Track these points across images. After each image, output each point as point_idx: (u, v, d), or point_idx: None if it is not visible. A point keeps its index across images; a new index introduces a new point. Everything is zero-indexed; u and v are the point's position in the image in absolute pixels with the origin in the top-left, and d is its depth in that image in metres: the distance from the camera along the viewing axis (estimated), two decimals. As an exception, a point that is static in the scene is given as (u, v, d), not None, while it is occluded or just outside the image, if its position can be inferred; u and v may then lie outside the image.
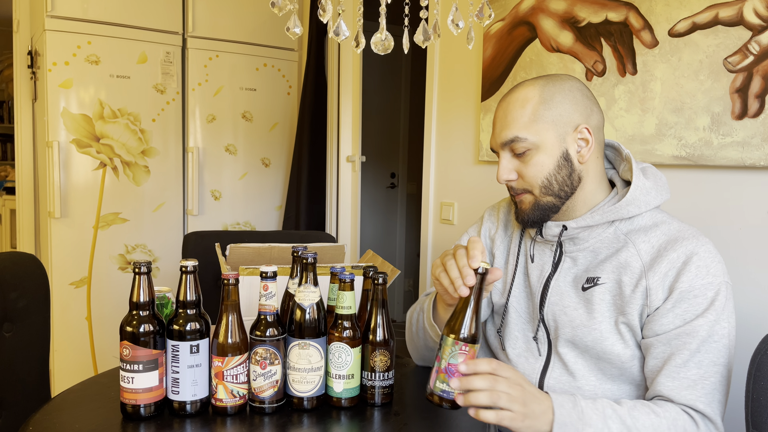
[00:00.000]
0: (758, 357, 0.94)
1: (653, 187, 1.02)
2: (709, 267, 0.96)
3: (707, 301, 0.95)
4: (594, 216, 1.02)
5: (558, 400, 0.89)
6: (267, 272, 0.94)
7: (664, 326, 0.96)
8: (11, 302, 1.23)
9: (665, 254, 0.97)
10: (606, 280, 1.01)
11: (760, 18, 1.26)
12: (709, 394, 0.94)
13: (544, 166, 1.02)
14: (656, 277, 0.97)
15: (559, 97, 1.01)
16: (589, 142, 1.02)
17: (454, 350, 0.87)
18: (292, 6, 0.90)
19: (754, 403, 0.93)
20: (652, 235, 1.00)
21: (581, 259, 1.05)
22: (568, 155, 1.02)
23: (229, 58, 2.63)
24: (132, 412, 0.92)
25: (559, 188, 1.03)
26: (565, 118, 1.01)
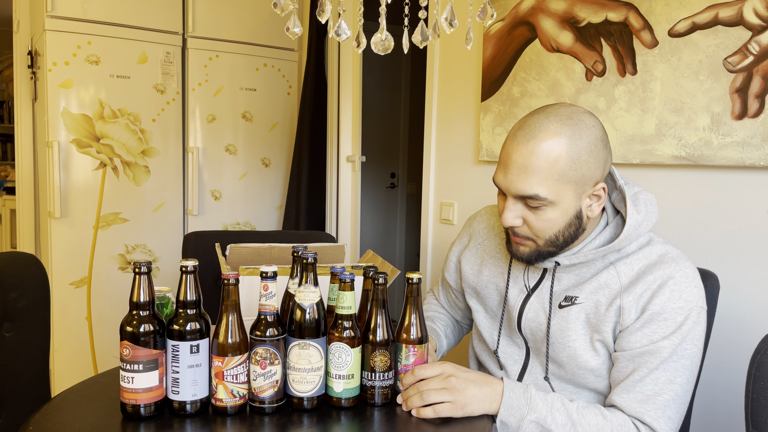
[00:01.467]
0: (758, 357, 0.94)
1: (644, 220, 1.01)
2: (682, 291, 0.97)
3: (675, 325, 0.96)
4: (587, 254, 1.02)
5: (509, 384, 0.98)
6: (267, 272, 0.94)
7: (631, 343, 0.98)
8: (11, 302, 1.23)
9: (643, 277, 0.99)
10: (583, 300, 1.03)
11: (760, 18, 1.26)
12: (659, 410, 0.96)
13: (556, 223, 0.99)
14: (631, 297, 0.98)
15: (585, 155, 0.96)
16: (601, 197, 1.00)
17: (407, 353, 1.01)
18: (293, 6, 0.90)
19: (754, 403, 0.93)
20: (634, 258, 1.02)
21: (565, 280, 1.07)
22: (580, 213, 1.00)
23: (229, 58, 2.63)
24: (132, 412, 0.92)
25: (563, 242, 1.01)
26: (587, 177, 0.97)
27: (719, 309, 1.24)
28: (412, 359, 1.01)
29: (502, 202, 1.03)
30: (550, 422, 0.94)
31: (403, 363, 1.02)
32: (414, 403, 0.97)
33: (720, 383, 1.36)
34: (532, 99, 1.74)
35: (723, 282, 1.29)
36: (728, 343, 1.34)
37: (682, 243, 1.44)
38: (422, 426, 0.96)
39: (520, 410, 0.95)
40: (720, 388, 1.36)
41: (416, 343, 1.01)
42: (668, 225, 1.46)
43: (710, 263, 1.38)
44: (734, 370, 1.34)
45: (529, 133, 0.97)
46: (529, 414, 0.95)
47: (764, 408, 0.91)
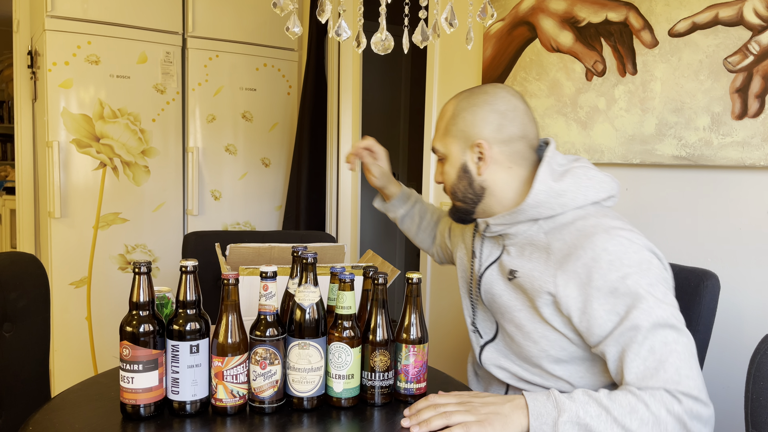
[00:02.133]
0: (758, 357, 0.94)
1: (570, 189, 1.03)
2: (621, 258, 0.96)
3: (630, 293, 0.94)
4: (506, 216, 1.08)
5: (531, 394, 0.92)
6: (267, 272, 0.94)
7: (602, 327, 0.96)
8: (11, 302, 1.23)
9: (575, 252, 0.99)
10: (522, 273, 1.07)
11: (760, 18, 1.26)
12: (674, 375, 0.90)
13: (449, 176, 1.13)
14: (565, 276, 0.99)
15: (467, 112, 1.09)
16: (485, 156, 1.07)
17: (407, 353, 1.01)
18: (293, 6, 0.90)
19: (754, 403, 0.93)
20: (566, 232, 1.03)
21: (513, 252, 1.11)
22: (467, 168, 1.10)
23: (229, 58, 2.63)
24: (132, 412, 0.92)
25: (462, 196, 1.12)
26: (467, 133, 1.09)
27: (719, 309, 1.24)
28: (412, 359, 1.01)
29: None
30: (584, 416, 0.88)
31: (402, 363, 1.01)
32: (435, 424, 0.89)
33: (720, 383, 1.36)
34: (533, 99, 1.74)
35: (723, 282, 1.29)
36: (728, 343, 1.34)
37: (682, 243, 1.44)
38: (422, 426, 0.96)
39: (550, 416, 0.89)
40: (720, 388, 1.36)
41: (416, 343, 1.01)
42: (668, 225, 1.46)
43: (710, 263, 1.38)
44: (734, 370, 1.34)
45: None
46: (561, 416, 0.88)
47: (764, 408, 0.91)
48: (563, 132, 1.67)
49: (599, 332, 0.96)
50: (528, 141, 1.09)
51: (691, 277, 1.18)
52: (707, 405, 0.91)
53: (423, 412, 0.92)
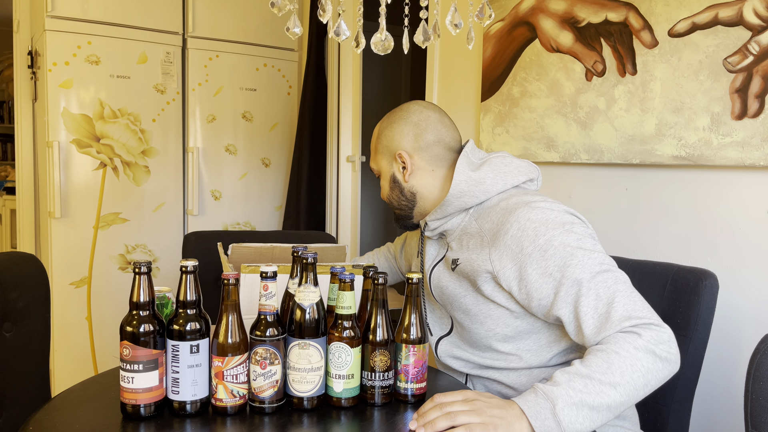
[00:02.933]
0: (757, 357, 0.94)
1: (488, 176, 1.13)
2: (544, 222, 1.03)
3: (558, 251, 1.00)
4: (437, 212, 1.17)
5: (521, 399, 0.92)
6: (267, 272, 0.94)
7: (540, 291, 1.01)
8: (11, 302, 1.23)
9: (502, 227, 1.06)
10: (462, 260, 1.13)
11: (759, 18, 1.26)
12: (623, 312, 0.94)
13: (384, 188, 1.24)
14: (499, 251, 1.05)
15: (387, 130, 1.21)
16: (408, 164, 1.19)
17: (407, 353, 1.01)
18: (291, 6, 0.90)
19: (753, 402, 0.93)
20: (492, 213, 1.11)
21: (454, 246, 1.17)
22: (395, 178, 1.21)
23: (229, 58, 2.63)
24: (132, 412, 0.92)
25: (398, 203, 1.23)
26: (390, 147, 1.21)
27: (719, 309, 1.24)
28: (412, 359, 1.01)
29: None
30: (574, 395, 0.89)
31: (402, 363, 1.02)
32: (440, 425, 0.88)
33: (719, 383, 1.36)
34: (532, 99, 1.74)
35: (723, 282, 1.29)
36: (728, 343, 1.34)
37: (682, 243, 1.44)
38: (422, 426, 0.96)
39: (546, 409, 0.89)
40: (719, 387, 1.36)
41: (416, 343, 1.01)
42: (668, 225, 1.47)
43: (710, 263, 1.38)
44: (734, 369, 1.34)
45: None
46: (556, 404, 0.89)
47: (764, 408, 0.91)
48: (563, 132, 1.67)
49: (538, 296, 1.02)
50: (445, 144, 1.20)
51: (690, 276, 1.18)
52: (662, 327, 0.95)
53: (429, 413, 0.92)
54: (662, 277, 1.22)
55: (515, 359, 1.11)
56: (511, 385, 1.13)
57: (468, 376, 1.21)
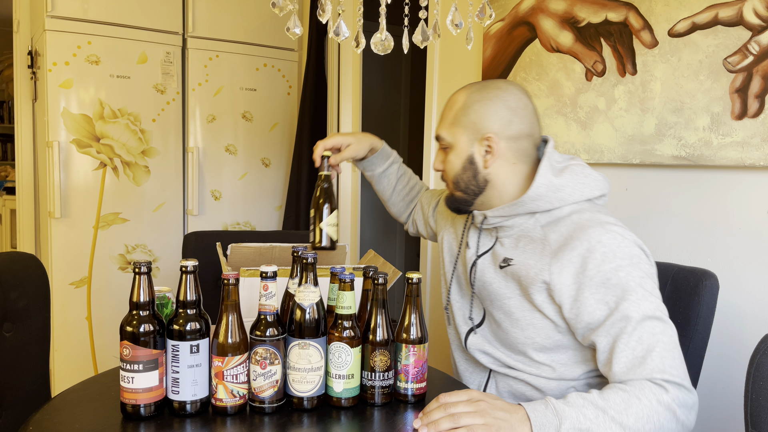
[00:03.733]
0: (757, 357, 0.94)
1: (568, 184, 1.07)
2: (615, 251, 0.99)
3: (621, 284, 0.97)
4: (505, 208, 1.10)
5: (530, 406, 0.92)
6: (267, 272, 0.94)
7: (591, 316, 0.99)
8: (11, 302, 1.23)
9: (570, 243, 1.02)
10: (517, 262, 1.09)
11: (759, 18, 1.26)
12: (659, 364, 0.94)
13: (454, 165, 1.14)
14: (560, 264, 1.02)
15: (478, 105, 1.11)
16: (493, 150, 1.10)
17: (407, 353, 1.01)
18: (292, 6, 0.90)
19: (753, 402, 0.93)
20: (562, 224, 1.06)
21: (506, 243, 1.14)
22: (473, 159, 1.12)
23: (229, 58, 2.63)
24: (132, 412, 0.92)
25: (465, 186, 1.14)
26: (477, 125, 1.10)
27: (719, 309, 1.24)
28: (412, 359, 1.01)
29: None
30: (584, 421, 0.90)
31: (402, 363, 1.02)
32: (443, 426, 0.89)
33: (719, 383, 1.36)
34: (533, 99, 1.74)
35: (723, 282, 1.29)
36: (728, 343, 1.34)
37: (682, 243, 1.44)
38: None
39: (552, 425, 0.89)
40: (719, 387, 1.36)
41: (416, 343, 1.01)
42: (668, 225, 1.47)
43: (710, 263, 1.38)
44: (734, 369, 1.34)
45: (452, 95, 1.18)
46: (563, 423, 0.89)
47: (764, 408, 0.91)
48: (563, 132, 1.67)
49: (587, 320, 1.00)
50: (533, 139, 1.13)
51: (690, 276, 1.18)
52: (691, 392, 0.94)
53: (433, 413, 0.92)
54: (662, 277, 1.22)
55: (547, 369, 1.09)
56: (538, 387, 1.11)
57: (492, 372, 1.19)
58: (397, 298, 4.06)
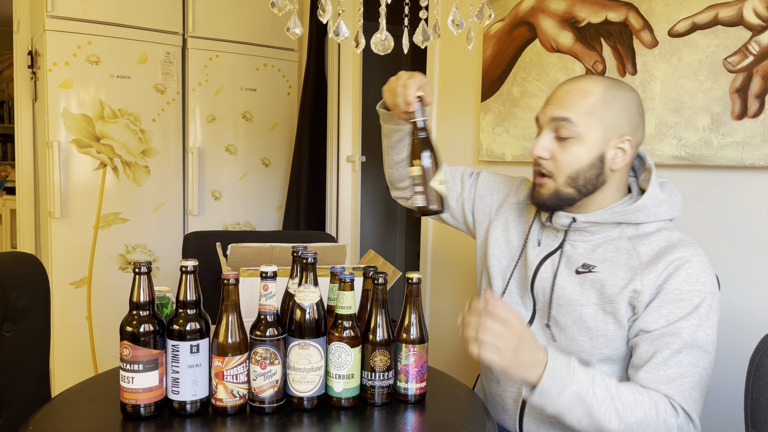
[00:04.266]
0: (757, 357, 0.94)
1: (666, 200, 1.06)
2: (699, 275, 1.00)
3: (692, 306, 0.98)
4: (603, 214, 1.06)
5: (554, 353, 0.94)
6: (267, 272, 0.94)
7: (648, 324, 1.00)
8: (11, 302, 1.23)
9: (662, 257, 1.02)
10: (601, 270, 1.06)
11: (759, 18, 1.26)
12: (686, 392, 0.96)
13: (579, 159, 1.05)
14: (651, 276, 1.01)
15: (619, 102, 1.04)
16: (626, 152, 1.06)
17: (407, 353, 1.01)
18: (291, 6, 0.90)
19: (754, 402, 0.93)
20: (653, 239, 1.05)
21: (580, 248, 1.10)
22: (603, 158, 1.05)
23: (229, 58, 2.63)
24: (132, 412, 0.92)
25: (583, 184, 1.06)
26: (616, 123, 1.04)
27: (719, 309, 1.24)
28: (412, 359, 1.01)
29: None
30: (590, 396, 0.92)
31: (403, 363, 1.02)
32: (467, 333, 0.92)
33: (719, 383, 1.36)
34: (532, 99, 1.74)
35: (723, 282, 1.29)
36: (728, 343, 1.34)
37: (682, 243, 1.44)
38: (422, 426, 0.96)
39: (562, 380, 0.92)
40: (719, 387, 1.36)
41: (416, 343, 1.01)
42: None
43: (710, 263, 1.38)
44: (734, 369, 1.34)
45: (572, 79, 1.09)
46: (572, 385, 0.92)
47: (764, 408, 0.91)
48: (563, 132, 1.67)
49: (643, 326, 1.00)
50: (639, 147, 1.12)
51: (690, 277, 1.17)
52: (697, 427, 0.98)
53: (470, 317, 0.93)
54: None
55: None
56: None
57: None
58: (397, 298, 4.06)
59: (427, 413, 1.00)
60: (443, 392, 1.09)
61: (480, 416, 0.99)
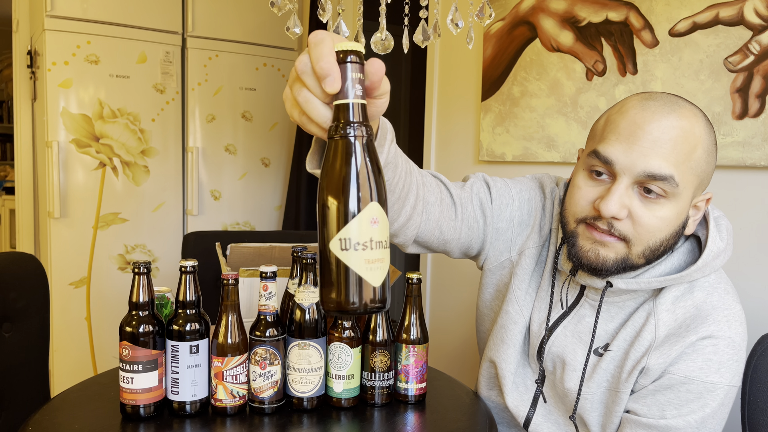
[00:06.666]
0: (754, 358, 0.94)
1: (724, 250, 0.84)
2: (722, 363, 0.80)
3: (698, 403, 0.80)
4: (650, 281, 0.83)
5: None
6: (267, 272, 0.94)
7: (640, 408, 0.83)
8: (11, 302, 1.23)
9: (684, 335, 0.81)
10: (615, 347, 0.87)
11: (760, 18, 1.26)
12: None
13: (668, 224, 0.80)
14: (661, 359, 0.82)
15: (714, 151, 0.81)
16: (700, 210, 0.84)
17: (407, 353, 1.01)
18: (291, 6, 0.90)
19: (751, 405, 0.93)
20: (680, 305, 0.83)
21: (605, 311, 0.89)
22: (686, 222, 0.83)
23: (229, 58, 2.63)
24: (131, 413, 0.92)
25: (660, 252, 0.82)
26: (708, 178, 0.82)
27: (719, 309, 1.24)
28: (412, 359, 1.01)
29: (596, 187, 0.82)
30: None
31: (403, 363, 1.01)
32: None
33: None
34: (533, 99, 1.74)
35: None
36: (728, 343, 1.34)
37: (682, 243, 1.44)
38: (422, 426, 0.96)
39: None
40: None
41: (416, 344, 1.01)
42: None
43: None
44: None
45: (667, 106, 0.78)
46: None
47: (761, 410, 0.91)
48: (564, 132, 1.67)
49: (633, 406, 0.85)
50: None
51: (691, 277, 1.17)
52: None
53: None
54: (663, 277, 1.21)
55: None
56: None
57: None
58: (397, 298, 4.06)
59: (427, 414, 1.00)
60: (443, 393, 1.08)
61: (480, 417, 0.99)
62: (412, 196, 0.82)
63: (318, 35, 0.55)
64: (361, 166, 0.54)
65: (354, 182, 0.53)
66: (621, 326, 0.87)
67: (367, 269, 0.53)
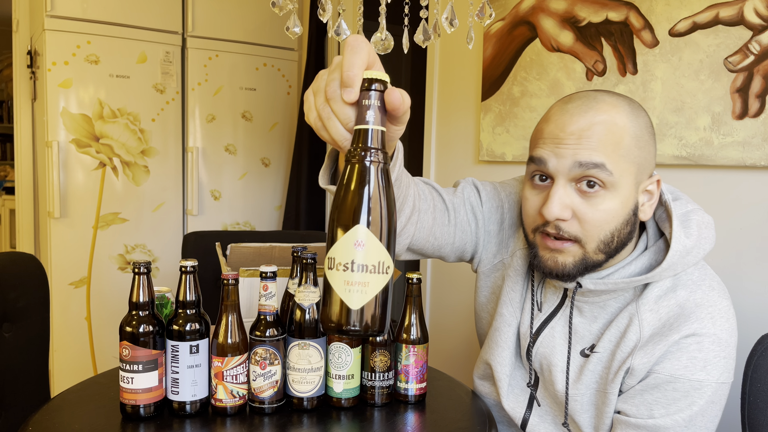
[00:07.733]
0: (754, 358, 0.94)
1: (694, 246, 0.82)
2: (708, 361, 0.79)
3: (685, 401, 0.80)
4: (618, 282, 0.83)
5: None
6: (267, 272, 0.94)
7: (628, 407, 0.84)
8: (11, 302, 1.23)
9: (668, 334, 0.81)
10: (601, 349, 0.87)
11: (760, 18, 1.26)
12: None
13: (614, 217, 0.80)
14: (645, 358, 0.82)
15: (647, 135, 0.82)
16: (654, 195, 0.84)
17: (407, 353, 1.01)
18: (292, 6, 0.90)
19: (750, 405, 0.92)
20: (664, 303, 0.83)
21: (586, 311, 0.90)
22: (636, 210, 0.83)
23: (229, 58, 2.63)
24: (131, 413, 0.92)
25: (616, 246, 0.82)
26: (647, 163, 0.82)
27: (719, 309, 1.24)
28: (412, 359, 1.01)
29: (539, 194, 0.84)
30: None
31: (403, 363, 1.01)
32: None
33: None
34: (533, 99, 1.74)
35: (723, 282, 1.29)
36: (728, 343, 1.34)
37: (682, 243, 1.44)
38: (423, 426, 0.96)
39: None
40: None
41: (416, 344, 1.01)
42: (668, 225, 1.46)
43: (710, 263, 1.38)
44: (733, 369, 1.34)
45: (584, 105, 0.81)
46: None
47: (761, 410, 0.91)
48: (563, 132, 1.67)
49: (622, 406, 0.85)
50: None
51: (691, 277, 1.17)
52: None
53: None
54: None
55: None
56: None
57: None
58: (398, 298, 4.06)
59: (427, 414, 1.00)
60: (443, 393, 1.09)
61: (480, 417, 0.99)
62: (408, 208, 0.84)
63: (357, 41, 0.58)
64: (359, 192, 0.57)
65: (349, 206, 0.57)
66: (606, 327, 0.88)
67: (345, 290, 0.55)
